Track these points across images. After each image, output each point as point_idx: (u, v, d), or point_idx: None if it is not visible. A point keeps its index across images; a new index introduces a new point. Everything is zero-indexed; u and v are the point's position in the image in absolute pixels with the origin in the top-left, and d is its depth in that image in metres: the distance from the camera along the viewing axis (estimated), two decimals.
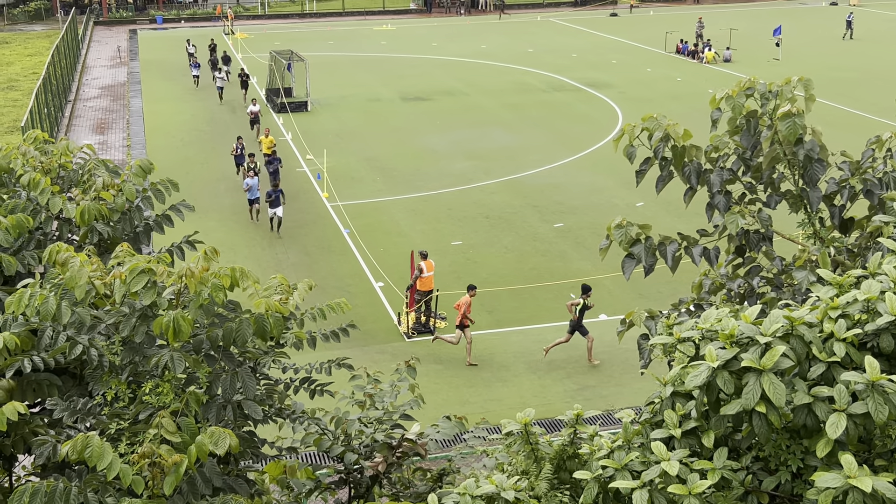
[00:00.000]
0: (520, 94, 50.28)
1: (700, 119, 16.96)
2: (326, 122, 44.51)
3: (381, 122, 44.13)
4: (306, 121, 44.36)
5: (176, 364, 6.78)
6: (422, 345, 22.46)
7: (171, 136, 41.80)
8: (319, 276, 25.90)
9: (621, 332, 8.64)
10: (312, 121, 44.64)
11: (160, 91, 51.14)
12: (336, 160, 37.28)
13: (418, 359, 8.83)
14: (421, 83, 52.86)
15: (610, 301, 24.77)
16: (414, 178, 35.45)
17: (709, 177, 8.47)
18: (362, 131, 42.47)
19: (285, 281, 7.68)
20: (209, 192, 33.61)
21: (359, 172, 36.25)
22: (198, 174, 35.76)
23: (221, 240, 27.94)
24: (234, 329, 7.01)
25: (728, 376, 5.29)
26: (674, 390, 5.66)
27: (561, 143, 40.23)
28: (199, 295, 6.80)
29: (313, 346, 8.27)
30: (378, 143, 40.47)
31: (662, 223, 28.97)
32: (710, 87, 48.63)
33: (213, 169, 36.74)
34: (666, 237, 8.32)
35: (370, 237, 29.07)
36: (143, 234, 9.20)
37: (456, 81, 53.48)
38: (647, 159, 8.59)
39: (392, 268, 26.43)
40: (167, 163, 35.28)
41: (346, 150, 39.36)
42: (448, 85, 52.57)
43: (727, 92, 8.49)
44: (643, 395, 18.80)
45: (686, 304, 9.09)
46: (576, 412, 6.70)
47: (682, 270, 9.70)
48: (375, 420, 8.49)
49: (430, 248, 26.65)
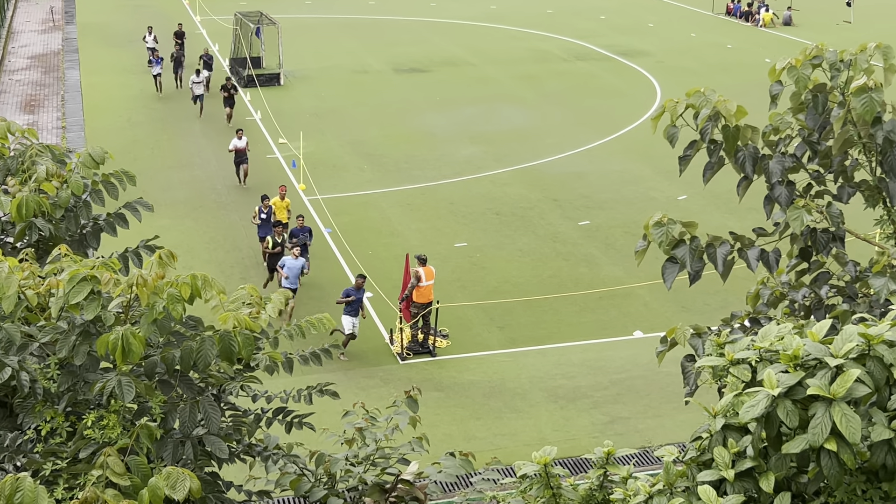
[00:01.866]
0: (537, 64, 50.33)
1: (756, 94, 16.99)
2: (303, 98, 44.54)
3: (369, 98, 44.17)
4: (279, 97, 44.40)
5: (124, 391, 6.79)
6: (419, 368, 22.49)
7: (115, 115, 41.84)
8: None
9: (661, 353, 8.64)
10: (286, 97, 44.66)
11: (102, 61, 51.23)
12: (315, 145, 37.33)
13: (419, 389, 8.83)
14: (417, 51, 52.93)
15: (647, 315, 24.77)
16: (409, 167, 35.49)
17: (767, 164, 8.48)
18: (346, 110, 42.52)
19: (255, 291, 7.70)
20: (161, 182, 33.66)
21: (342, 159, 36.30)
22: (147, 161, 35.82)
23: (177, 241, 27.97)
24: (195, 349, 7.02)
25: (791, 406, 5.30)
26: (725, 423, 5.67)
27: (587, 124, 40.25)
28: (153, 308, 6.81)
29: (290, 371, 8.28)
30: (365, 123, 40.51)
31: (711, 220, 28.98)
32: (768, 56, 48.72)
33: (165, 155, 36.80)
34: (715, 237, 8.33)
35: (356, 238, 29.10)
36: (92, 235, 9.20)
37: (460, 49, 53.55)
38: (692, 143, 8.60)
39: (383, 275, 26.46)
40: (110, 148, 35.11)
41: (327, 132, 39.40)
42: (450, 53, 52.63)
43: (789, 61, 8.50)
44: (688, 428, 18.76)
45: (740, 318, 9.10)
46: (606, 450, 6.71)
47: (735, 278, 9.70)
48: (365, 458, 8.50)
49: (429, 251, 26.66)
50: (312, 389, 8.79)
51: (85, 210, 9.12)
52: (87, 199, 9.15)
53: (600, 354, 22.92)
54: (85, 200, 9.14)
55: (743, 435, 5.69)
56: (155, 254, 7.14)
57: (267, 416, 8.56)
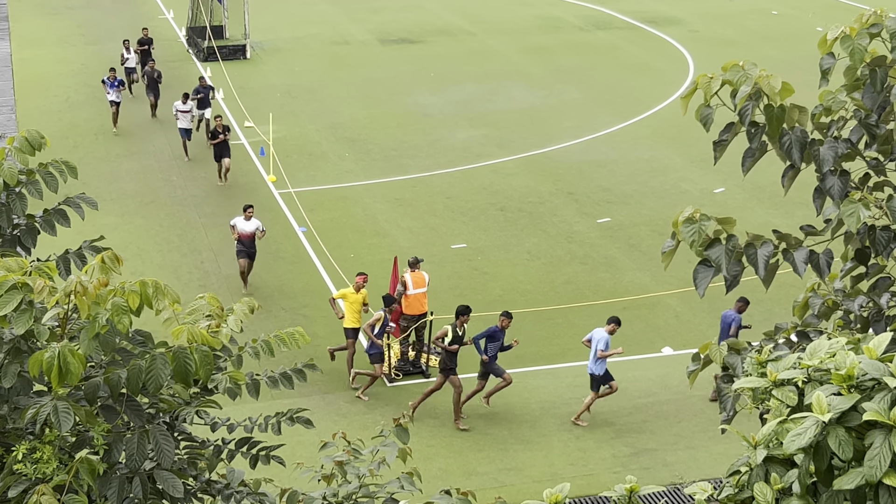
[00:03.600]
0: (548, 33, 50.36)
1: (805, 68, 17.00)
2: (273, 74, 44.52)
3: (350, 74, 44.16)
4: (244, 72, 44.38)
5: (61, 419, 6.78)
6: (410, 391, 22.47)
7: (50, 94, 41.81)
8: (264, 295, 25.91)
9: (693, 373, 8.65)
10: (253, 72, 44.64)
11: (36, 31, 51.22)
12: (287, 128, 37.32)
13: (411, 416, 8.82)
14: (407, 18, 52.95)
15: (677, 327, 24.77)
16: (398, 154, 35.50)
17: (817, 150, 8.49)
18: (324, 87, 42.52)
19: (216, 301, 7.70)
20: (106, 173, 33.66)
21: (319, 146, 36.30)
22: (89, 148, 35.81)
23: (125, 242, 27.95)
24: (144, 369, 7.02)
25: (845, 435, 5.30)
26: (768, 455, 5.67)
27: (606, 104, 40.28)
28: (95, 320, 6.81)
29: (256, 395, 8.27)
30: (346, 104, 40.51)
31: (751, 216, 29.01)
32: (820, 24, 48.76)
33: (110, 141, 36.79)
34: (756, 236, 8.34)
35: (336, 238, 29.09)
36: (27, 234, 9.19)
37: (456, 16, 53.57)
38: (729, 125, 8.61)
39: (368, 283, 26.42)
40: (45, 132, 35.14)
41: (302, 114, 39.40)
42: (445, 21, 52.65)
43: (843, 30, 8.51)
44: (724, 461, 18.76)
45: (785, 332, 9.10)
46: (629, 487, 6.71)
47: (780, 284, 9.71)
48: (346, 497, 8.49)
49: (422, 253, 26.69)
50: (283, 416, 8.78)
51: (19, 204, 9.09)
52: (20, 191, 9.13)
53: (623, 375, 22.88)
54: (19, 193, 9.12)
55: (788, 469, 5.69)
56: (97, 257, 7.13)
57: (229, 448, 8.56)
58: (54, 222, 9.25)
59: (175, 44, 49.08)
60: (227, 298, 24.66)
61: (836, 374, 5.48)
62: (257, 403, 10.16)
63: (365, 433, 11.08)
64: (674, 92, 41.01)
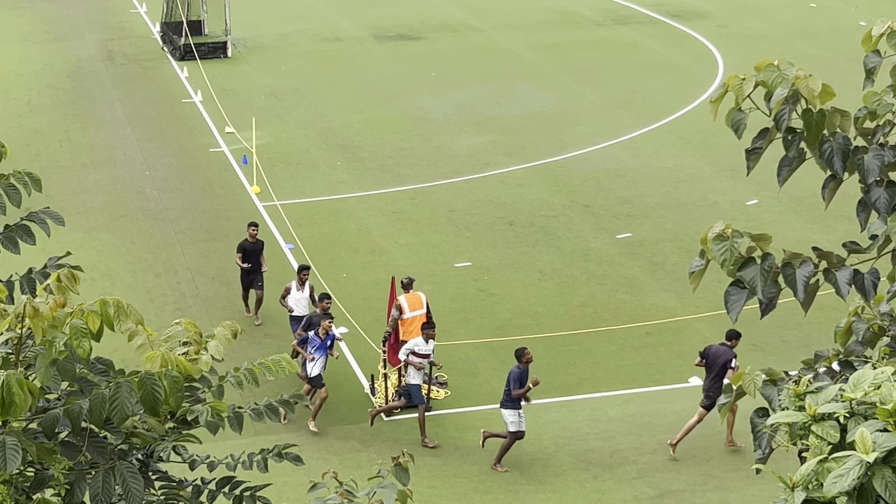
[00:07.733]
0: (562, 29, 50.43)
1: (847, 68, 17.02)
2: (257, 74, 44.58)
3: (342, 74, 44.23)
4: (225, 73, 44.45)
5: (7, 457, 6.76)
6: (409, 426, 22.45)
7: (10, 97, 41.87)
8: (247, 319, 25.88)
9: (725, 406, 8.63)
10: (235, 73, 44.70)
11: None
12: (272, 135, 37.35)
13: (411, 454, 8.80)
14: (405, 13, 53.03)
15: None
16: (395, 163, 35.52)
17: (861, 159, 8.50)
18: (313, 89, 42.57)
19: (193, 327, 7.70)
20: (72, 185, 33.68)
21: (308, 154, 36.32)
22: (53, 157, 35.84)
23: (93, 260, 27.94)
24: (108, 398, 7.01)
25: (892, 476, 5.29)
26: (807, 497, 5.67)
27: (626, 107, 40.31)
28: (52, 345, 6.81)
29: (239, 429, 8.26)
30: (338, 107, 40.55)
31: (788, 232, 28.99)
32: (863, 18, 48.81)
33: (77, 149, 36.81)
34: (794, 254, 8.34)
35: (326, 256, 29.08)
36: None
37: (461, 10, 53.67)
38: (763, 132, 8.62)
39: (361, 305, 26.44)
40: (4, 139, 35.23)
41: (288, 118, 39.44)
42: (449, 16, 52.75)
43: (889, 25, 8.52)
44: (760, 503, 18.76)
45: (826, 360, 9.09)
46: None
47: (821, 307, 9.71)
48: None
49: (422, 272, 26.70)
50: (269, 453, 8.78)
51: None
52: None
53: (646, 408, 22.87)
54: None
55: None
56: (53, 276, 7.13)
57: (209, 489, 8.56)
58: (17, 239, 9.25)
59: (148, 41, 49.20)
60: (206, 323, 24.60)
61: (881, 409, 5.48)
62: (241, 439, 10.15)
63: (359, 472, 11.05)
64: (701, 94, 41.04)
